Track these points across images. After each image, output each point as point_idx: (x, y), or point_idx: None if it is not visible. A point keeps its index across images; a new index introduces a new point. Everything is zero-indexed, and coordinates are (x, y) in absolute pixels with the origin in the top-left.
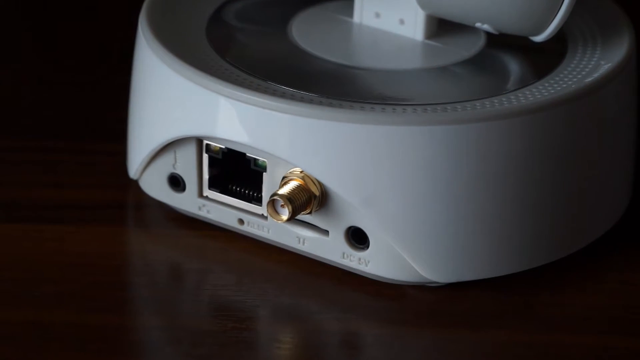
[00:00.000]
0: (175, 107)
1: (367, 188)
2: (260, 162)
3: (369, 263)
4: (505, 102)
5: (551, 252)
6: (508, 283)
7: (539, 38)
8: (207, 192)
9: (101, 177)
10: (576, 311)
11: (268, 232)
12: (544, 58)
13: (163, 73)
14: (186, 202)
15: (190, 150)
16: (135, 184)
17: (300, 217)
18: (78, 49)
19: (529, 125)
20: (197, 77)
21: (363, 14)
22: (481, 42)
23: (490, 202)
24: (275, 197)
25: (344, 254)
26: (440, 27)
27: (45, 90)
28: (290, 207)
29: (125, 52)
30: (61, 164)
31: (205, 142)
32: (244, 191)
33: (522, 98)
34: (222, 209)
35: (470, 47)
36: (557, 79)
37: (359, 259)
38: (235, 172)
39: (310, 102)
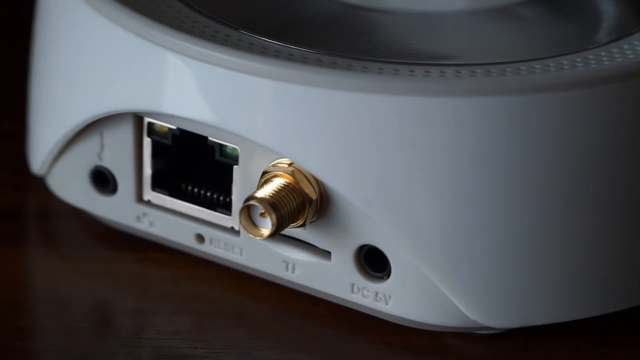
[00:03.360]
0: (101, 68)
1: (387, 188)
2: (229, 150)
3: (391, 299)
4: (592, 62)
5: None
6: (599, 330)
7: None
8: (149, 194)
9: None
10: None
11: (241, 254)
12: None
13: (83, 16)
14: (118, 209)
15: (125, 133)
16: (40, 183)
17: (288, 231)
18: None
19: (629, 97)
20: (136, 24)
21: None
22: None
23: (569, 210)
24: (251, 202)
25: (353, 286)
26: None
27: None
28: (274, 216)
29: None
30: None
31: (147, 120)
32: (205, 193)
33: (617, 56)
34: (172, 220)
35: None
36: None
37: (376, 294)
38: (192, 165)
39: (304, 61)
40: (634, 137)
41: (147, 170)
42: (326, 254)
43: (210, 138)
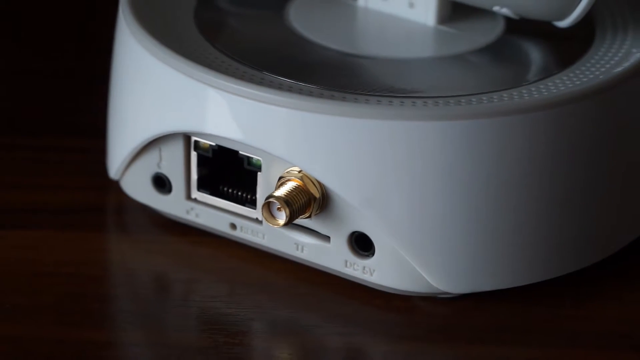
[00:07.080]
0: (160, 99)
1: (372, 189)
2: (254, 161)
3: (375, 272)
4: (525, 95)
5: (580, 258)
6: (531, 294)
7: (563, 23)
8: (195, 194)
9: (78, 178)
10: (610, 325)
11: (263, 238)
12: (568, 46)
13: (146, 61)
14: (172, 205)
15: (177, 148)
16: (116, 185)
17: (298, 221)
18: (47, 30)
19: (553, 120)
20: (184, 67)
21: None
22: (500, 27)
23: (510, 204)
24: (271, 200)
25: (346, 262)
26: (455, 11)
27: (19, 80)
28: (287, 210)
29: (105, 34)
30: (34, 163)
31: (193, 138)
32: (237, 193)
33: (544, 90)
34: (212, 213)
35: (488, 33)
36: (584, 68)
37: (364, 268)
38: (227, 171)
39: (310, 94)
40: (553, 151)
41: (194, 176)
42: (326, 238)
43: (240, 152)
